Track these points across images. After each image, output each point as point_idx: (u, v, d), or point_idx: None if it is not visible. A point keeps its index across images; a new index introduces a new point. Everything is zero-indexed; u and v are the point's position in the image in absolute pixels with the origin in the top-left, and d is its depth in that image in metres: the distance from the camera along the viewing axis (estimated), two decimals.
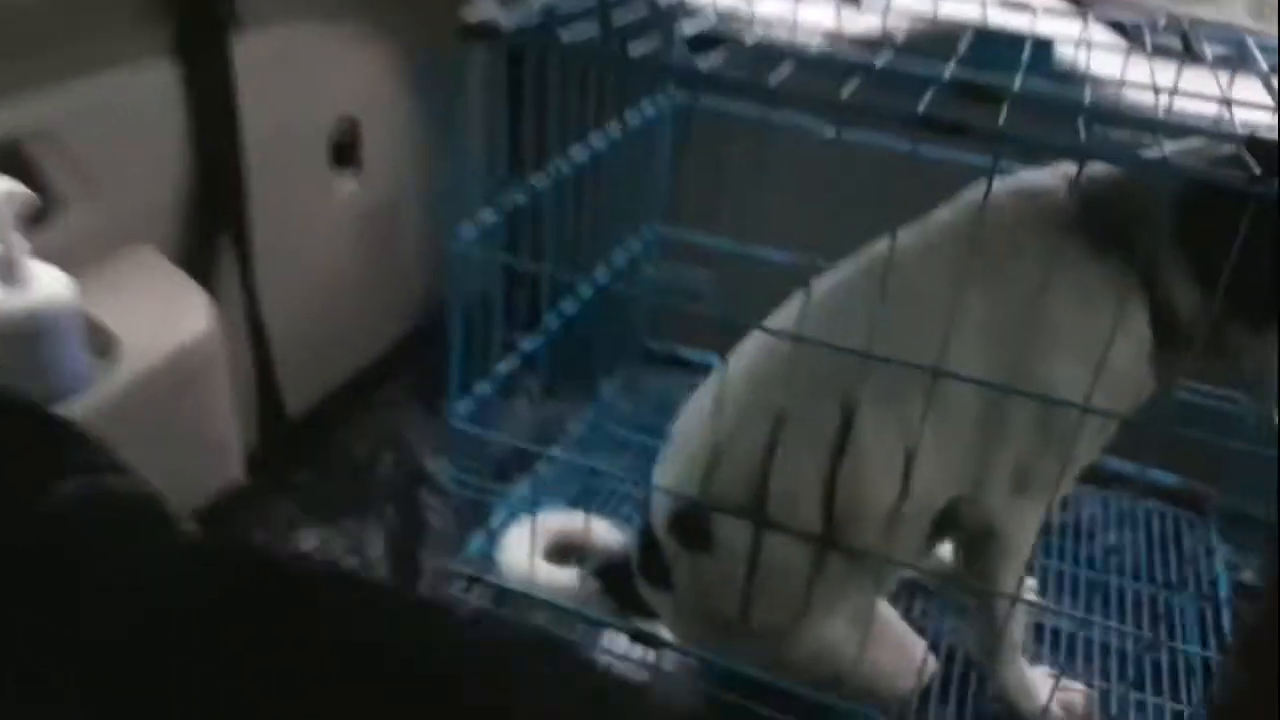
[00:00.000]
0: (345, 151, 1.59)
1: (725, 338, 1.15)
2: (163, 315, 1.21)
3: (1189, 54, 1.16)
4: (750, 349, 1.14)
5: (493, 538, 1.36)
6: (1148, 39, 1.20)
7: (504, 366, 1.29)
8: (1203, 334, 1.00)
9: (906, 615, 1.22)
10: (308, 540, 1.40)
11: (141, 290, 1.23)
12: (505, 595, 1.30)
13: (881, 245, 1.10)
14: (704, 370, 1.43)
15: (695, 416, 1.17)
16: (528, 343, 1.33)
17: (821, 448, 1.07)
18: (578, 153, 1.34)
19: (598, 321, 1.64)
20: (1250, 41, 1.12)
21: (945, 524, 1.13)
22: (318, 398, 1.64)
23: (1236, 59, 1.12)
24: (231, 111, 1.32)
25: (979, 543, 1.13)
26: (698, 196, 1.65)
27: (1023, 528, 1.12)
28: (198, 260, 1.34)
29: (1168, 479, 1.54)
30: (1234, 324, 1.01)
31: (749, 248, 1.54)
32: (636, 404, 1.74)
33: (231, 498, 1.44)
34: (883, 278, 1.03)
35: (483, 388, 1.22)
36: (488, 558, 1.34)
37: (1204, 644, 1.35)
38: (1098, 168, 1.07)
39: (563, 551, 1.37)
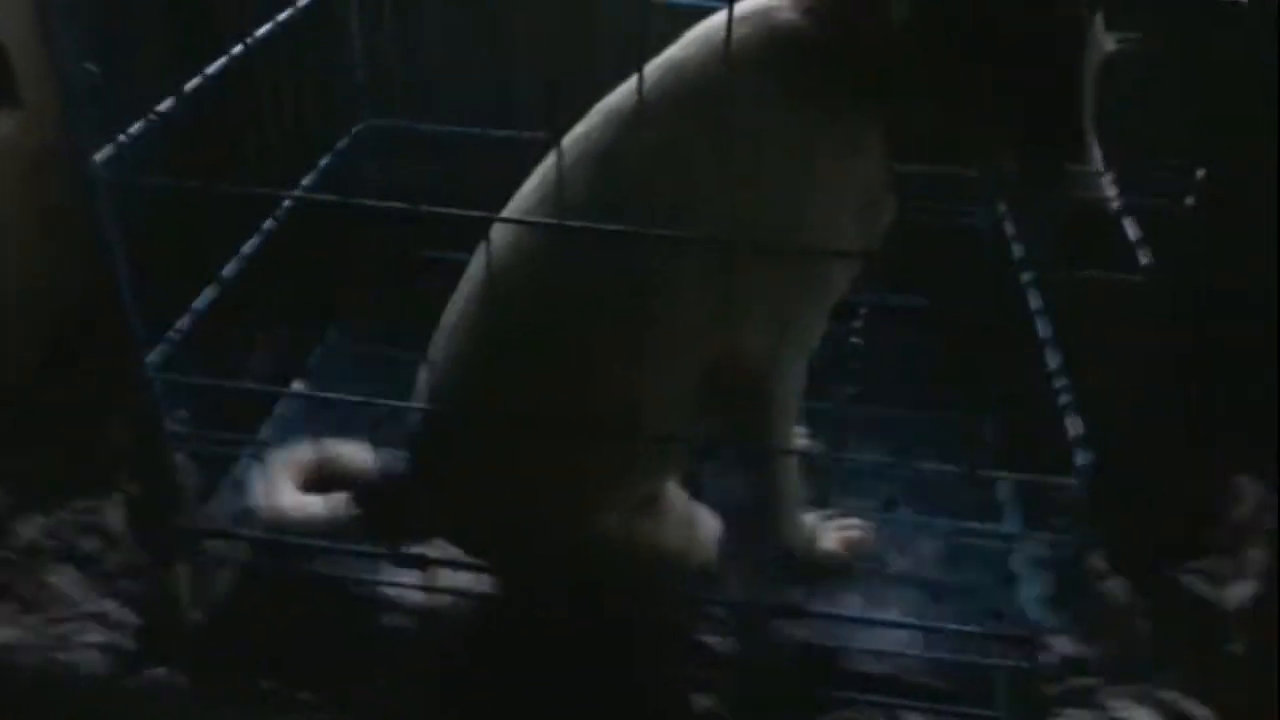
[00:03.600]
0: None
1: (471, 231, 1.05)
2: None
3: None
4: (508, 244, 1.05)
5: (239, 487, 1.27)
6: None
7: (202, 301, 1.17)
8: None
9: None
10: (30, 529, 1.26)
11: None
12: (262, 545, 1.22)
13: (609, 104, 1.04)
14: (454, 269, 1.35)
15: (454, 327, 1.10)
16: (229, 269, 1.21)
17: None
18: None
19: (324, 234, 1.52)
20: None
21: (711, 393, 1.09)
22: (22, 371, 1.47)
23: None
24: None
25: (748, 403, 1.11)
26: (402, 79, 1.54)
27: (789, 378, 1.11)
28: None
29: (913, 302, 1.56)
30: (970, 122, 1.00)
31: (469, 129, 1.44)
32: (390, 317, 1.64)
33: None
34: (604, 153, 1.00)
35: (172, 333, 1.11)
36: (245, 510, 1.24)
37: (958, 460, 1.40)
38: None
39: (320, 486, 1.29)
